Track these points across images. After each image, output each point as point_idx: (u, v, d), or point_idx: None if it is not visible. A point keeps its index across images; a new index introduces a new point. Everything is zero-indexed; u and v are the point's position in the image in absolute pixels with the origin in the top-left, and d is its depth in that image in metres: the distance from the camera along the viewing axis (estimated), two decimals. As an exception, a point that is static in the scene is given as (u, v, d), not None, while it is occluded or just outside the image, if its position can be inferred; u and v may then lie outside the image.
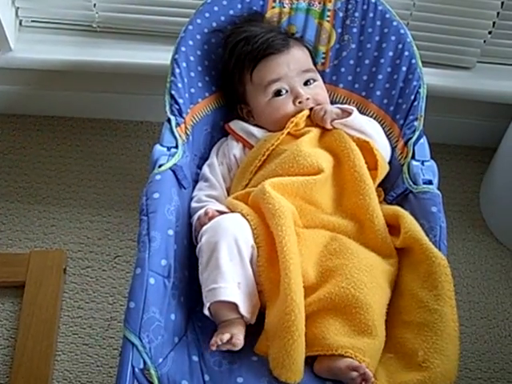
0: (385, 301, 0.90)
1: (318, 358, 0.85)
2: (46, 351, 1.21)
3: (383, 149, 1.08)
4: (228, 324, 0.88)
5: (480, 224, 1.51)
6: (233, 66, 1.12)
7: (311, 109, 1.09)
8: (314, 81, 1.12)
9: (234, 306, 0.88)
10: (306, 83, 1.11)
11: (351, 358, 0.81)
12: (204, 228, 0.93)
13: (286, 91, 1.09)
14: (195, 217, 1.01)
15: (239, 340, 0.86)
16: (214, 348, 0.85)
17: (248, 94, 1.12)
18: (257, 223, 0.93)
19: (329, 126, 1.06)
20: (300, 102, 1.08)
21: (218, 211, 0.98)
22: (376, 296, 0.87)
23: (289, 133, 1.07)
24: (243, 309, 0.88)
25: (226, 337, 0.85)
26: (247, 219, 0.93)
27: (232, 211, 0.97)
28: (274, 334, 0.85)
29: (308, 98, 1.09)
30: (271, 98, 1.09)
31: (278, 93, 1.09)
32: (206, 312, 0.90)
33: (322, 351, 0.83)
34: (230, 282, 0.88)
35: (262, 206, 0.94)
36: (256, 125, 1.14)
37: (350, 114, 1.06)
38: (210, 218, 0.95)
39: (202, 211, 0.99)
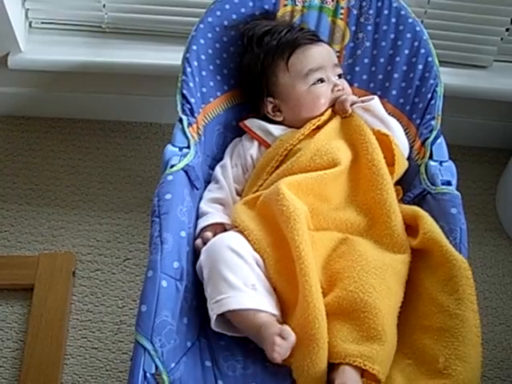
0: (395, 304, 0.87)
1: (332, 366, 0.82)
2: (55, 354, 1.20)
3: (402, 144, 1.07)
4: (265, 326, 0.83)
5: (496, 227, 1.48)
6: (263, 56, 1.10)
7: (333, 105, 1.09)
8: (341, 76, 1.13)
9: (254, 312, 0.85)
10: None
11: (360, 367, 0.79)
12: (202, 250, 0.93)
13: (324, 80, 1.09)
14: (198, 227, 1.00)
15: (287, 329, 0.81)
16: (279, 360, 0.80)
17: (281, 84, 1.10)
18: (257, 235, 0.92)
19: (348, 107, 1.05)
20: (338, 90, 1.09)
21: (217, 224, 0.99)
22: (385, 299, 0.85)
23: None
24: (271, 307, 0.86)
25: (278, 341, 0.80)
26: (245, 235, 0.92)
27: (232, 224, 0.97)
28: (299, 342, 0.82)
29: (344, 88, 1.10)
30: (311, 86, 1.08)
31: (318, 81, 1.08)
32: (214, 326, 0.87)
33: (331, 359, 0.81)
34: (239, 290, 0.85)
35: (276, 207, 0.92)
36: (275, 122, 1.12)
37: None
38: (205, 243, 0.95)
39: (198, 241, 0.97)
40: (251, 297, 0.85)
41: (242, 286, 0.86)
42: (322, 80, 1.08)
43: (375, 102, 1.06)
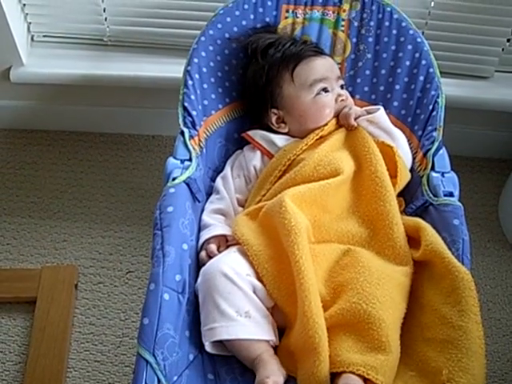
0: (398, 315, 0.87)
1: (336, 375, 0.82)
2: (58, 368, 1.20)
3: (406, 156, 1.07)
4: (259, 364, 0.84)
5: (500, 238, 1.48)
6: (268, 68, 1.11)
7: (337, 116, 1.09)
8: (343, 87, 1.13)
9: (246, 342, 0.86)
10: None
11: (363, 376, 0.78)
12: (200, 273, 0.92)
13: (329, 90, 1.10)
14: (201, 239, 1.00)
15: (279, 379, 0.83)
16: None
17: (286, 95, 1.10)
18: (256, 250, 0.91)
19: (353, 122, 1.05)
20: (342, 100, 1.09)
21: (220, 235, 0.99)
22: (389, 310, 0.84)
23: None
24: (266, 333, 0.87)
25: None
26: (244, 249, 0.92)
27: (233, 236, 0.97)
28: (301, 356, 0.82)
29: (347, 98, 1.11)
30: (316, 96, 1.09)
31: (322, 91, 1.09)
32: (209, 349, 0.88)
33: (334, 368, 0.81)
34: (231, 319, 0.85)
35: (277, 220, 0.92)
36: (278, 133, 1.12)
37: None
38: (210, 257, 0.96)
39: (203, 253, 0.98)
40: (243, 326, 0.86)
41: (234, 314, 0.86)
42: (326, 90, 1.09)
43: (380, 114, 1.07)
